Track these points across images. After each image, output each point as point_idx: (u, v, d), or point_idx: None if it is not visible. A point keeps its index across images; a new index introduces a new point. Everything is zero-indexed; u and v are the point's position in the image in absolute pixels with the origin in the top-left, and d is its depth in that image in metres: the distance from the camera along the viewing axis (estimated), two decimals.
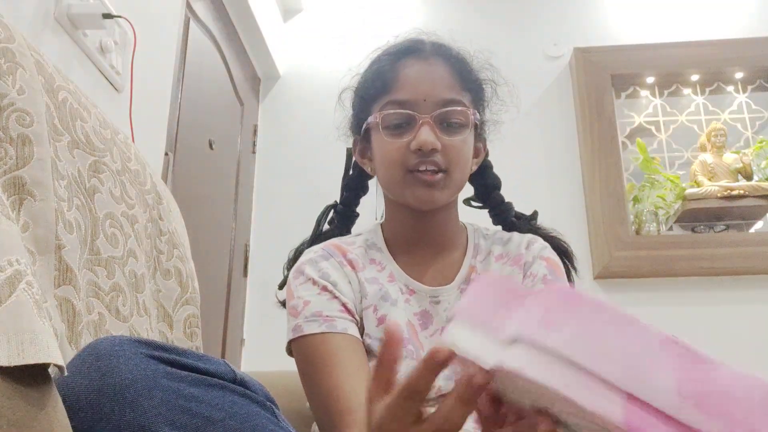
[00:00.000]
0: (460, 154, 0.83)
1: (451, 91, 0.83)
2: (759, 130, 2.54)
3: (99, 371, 0.48)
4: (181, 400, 0.49)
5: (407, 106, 0.82)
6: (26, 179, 0.54)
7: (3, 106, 0.55)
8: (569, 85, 2.56)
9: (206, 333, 1.64)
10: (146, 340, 0.52)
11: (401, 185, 0.83)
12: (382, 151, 0.84)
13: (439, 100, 0.82)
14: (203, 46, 2.04)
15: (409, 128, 0.82)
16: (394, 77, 0.84)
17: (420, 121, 0.81)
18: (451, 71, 0.85)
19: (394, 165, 0.82)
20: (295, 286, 0.84)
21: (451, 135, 0.82)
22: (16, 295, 0.43)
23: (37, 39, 1.14)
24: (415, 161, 0.81)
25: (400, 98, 0.82)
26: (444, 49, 0.87)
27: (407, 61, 0.85)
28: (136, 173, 0.86)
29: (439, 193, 0.82)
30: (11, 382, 0.40)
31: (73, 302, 0.59)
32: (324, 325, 0.79)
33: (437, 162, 0.81)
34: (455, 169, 0.82)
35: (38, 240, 0.55)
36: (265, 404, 0.56)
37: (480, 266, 0.88)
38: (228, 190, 2.29)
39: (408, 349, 0.81)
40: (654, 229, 2.36)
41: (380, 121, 0.83)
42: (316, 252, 0.87)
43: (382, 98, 0.84)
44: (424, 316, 0.85)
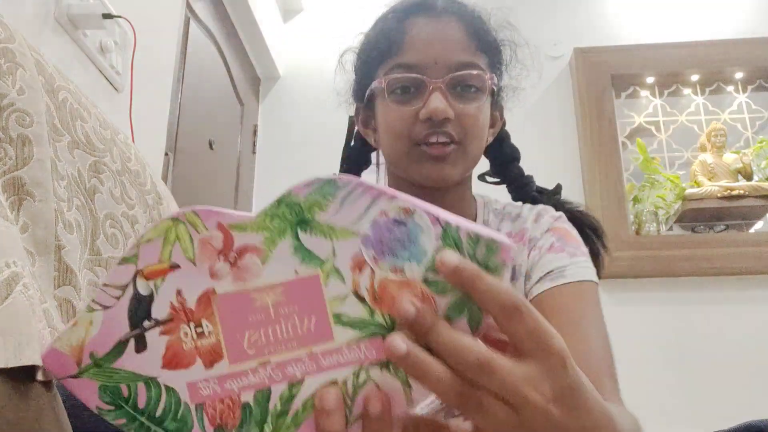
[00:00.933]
0: (476, 124, 0.73)
1: (466, 52, 0.73)
2: (759, 130, 2.54)
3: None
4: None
5: (416, 69, 0.72)
6: (26, 179, 0.54)
7: (3, 106, 0.55)
8: (569, 85, 2.57)
9: None
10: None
11: (407, 160, 0.74)
12: (387, 120, 0.75)
13: (451, 62, 0.72)
14: (203, 46, 2.04)
15: (417, 94, 0.73)
16: (401, 38, 0.74)
17: (430, 87, 0.71)
18: (466, 31, 0.74)
19: (400, 136, 0.73)
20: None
21: (466, 102, 0.73)
22: (13, 297, 0.43)
23: (37, 39, 1.14)
24: (424, 132, 0.71)
25: (408, 61, 0.73)
26: (458, 6, 0.77)
27: (416, 20, 0.75)
28: (137, 173, 0.86)
29: (451, 169, 0.73)
30: (11, 382, 0.40)
31: (73, 303, 0.59)
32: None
33: (449, 132, 0.71)
34: (470, 140, 0.73)
35: (38, 240, 0.55)
36: None
37: None
38: (228, 191, 2.29)
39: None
40: (654, 229, 2.37)
41: (385, 87, 0.74)
42: None
43: (388, 61, 0.75)
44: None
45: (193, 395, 0.35)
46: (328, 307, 0.36)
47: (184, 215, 0.35)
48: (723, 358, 2.16)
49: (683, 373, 2.16)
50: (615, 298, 2.28)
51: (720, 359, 2.17)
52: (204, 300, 0.35)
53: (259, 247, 0.35)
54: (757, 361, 2.14)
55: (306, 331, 0.35)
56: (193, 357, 0.35)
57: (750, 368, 2.14)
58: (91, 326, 0.35)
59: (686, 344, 2.20)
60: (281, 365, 0.36)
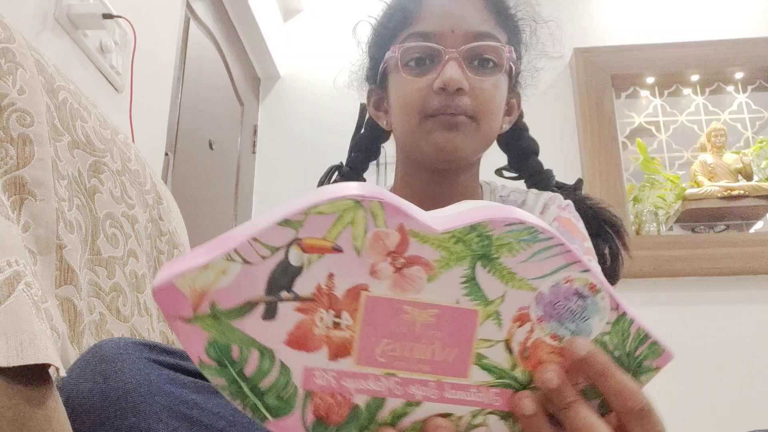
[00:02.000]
0: (492, 100, 0.70)
1: (485, 23, 0.70)
2: (759, 130, 2.54)
3: (103, 375, 0.48)
4: (182, 407, 0.48)
5: (432, 38, 0.69)
6: (27, 179, 0.55)
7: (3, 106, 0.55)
8: (569, 85, 2.57)
9: None
10: (150, 343, 0.52)
11: (418, 133, 0.70)
12: (400, 93, 0.72)
13: (469, 32, 0.69)
14: (203, 46, 2.04)
15: (432, 66, 0.69)
16: (417, 6, 0.71)
17: (446, 57, 0.68)
18: (485, 3, 0.71)
19: (412, 109, 0.70)
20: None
21: (482, 75, 0.69)
22: (15, 296, 0.43)
23: (37, 39, 1.14)
24: (437, 104, 0.68)
25: (424, 29, 0.70)
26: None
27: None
28: (136, 173, 0.86)
29: (463, 138, 0.69)
30: (11, 382, 0.40)
31: (75, 302, 0.59)
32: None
33: (462, 106, 0.68)
34: (484, 116, 0.69)
35: (39, 240, 0.55)
36: None
37: None
38: (228, 191, 2.29)
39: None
40: (654, 229, 2.37)
41: (399, 57, 0.70)
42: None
43: (404, 32, 0.71)
44: None
45: (307, 381, 0.34)
46: (474, 345, 0.35)
47: (369, 202, 0.32)
48: (723, 358, 2.17)
49: (683, 373, 2.16)
50: None
51: (720, 359, 2.17)
52: (353, 293, 0.33)
53: (431, 264, 0.34)
54: (757, 361, 2.14)
55: (443, 360, 0.35)
56: (320, 344, 0.33)
57: (750, 368, 2.14)
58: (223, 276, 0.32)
59: (686, 344, 2.20)
60: (405, 382, 0.35)
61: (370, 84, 0.81)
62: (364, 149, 0.87)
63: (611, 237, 0.83)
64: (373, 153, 0.88)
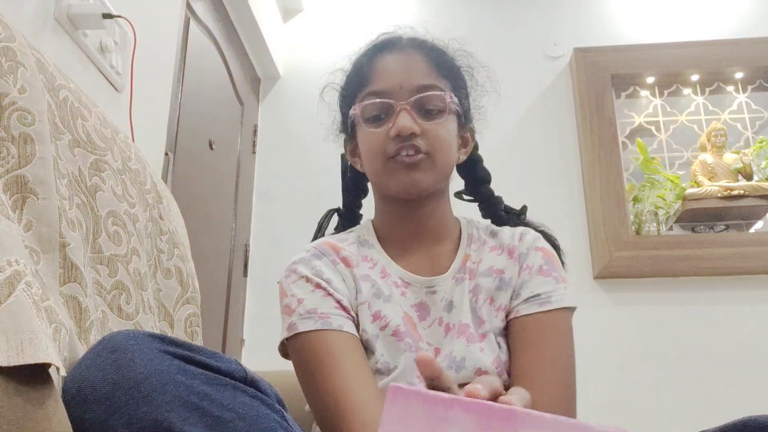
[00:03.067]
0: (442, 138, 0.83)
1: (428, 77, 0.84)
2: (759, 130, 2.54)
3: (115, 364, 0.48)
4: (193, 397, 0.49)
5: (384, 95, 0.83)
6: (29, 178, 0.54)
7: (4, 105, 0.55)
8: (569, 85, 2.57)
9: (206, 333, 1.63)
10: (160, 335, 0.52)
11: (384, 174, 0.83)
12: (365, 142, 0.85)
13: (415, 86, 0.83)
14: (203, 46, 2.04)
15: (387, 117, 0.83)
16: (370, 70, 0.85)
17: (398, 108, 0.82)
18: (427, 60, 0.85)
19: (376, 154, 0.83)
20: (287, 285, 0.83)
21: (430, 120, 0.83)
22: (15, 296, 0.43)
23: (37, 39, 1.14)
24: (395, 147, 0.81)
25: (377, 88, 0.84)
26: (418, 41, 0.89)
27: (383, 55, 0.87)
28: (137, 172, 0.85)
29: (422, 175, 0.82)
30: (11, 381, 0.40)
31: (79, 299, 0.59)
32: (319, 323, 0.78)
33: (417, 145, 0.81)
34: (437, 152, 0.82)
35: (42, 238, 0.55)
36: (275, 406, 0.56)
37: (474, 254, 0.87)
38: (228, 190, 2.28)
39: (406, 342, 0.80)
40: (654, 229, 2.37)
41: (360, 114, 0.85)
42: (309, 251, 0.87)
43: (361, 92, 0.86)
44: (421, 308, 0.84)
45: None
46: None
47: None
48: (723, 358, 2.16)
49: (683, 372, 2.16)
50: (615, 298, 2.28)
51: (720, 359, 2.17)
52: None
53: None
54: (756, 361, 2.14)
55: None
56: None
57: (750, 368, 2.14)
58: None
59: (686, 344, 2.20)
60: None
61: (345, 135, 0.94)
62: (353, 190, 1.00)
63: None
64: (361, 191, 1.01)
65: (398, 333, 0.80)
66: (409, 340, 0.80)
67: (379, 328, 0.81)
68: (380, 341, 0.81)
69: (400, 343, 0.80)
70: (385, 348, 0.81)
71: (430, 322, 0.83)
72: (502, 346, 0.82)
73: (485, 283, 0.84)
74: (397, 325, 0.81)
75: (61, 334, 0.51)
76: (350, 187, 1.00)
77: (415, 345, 0.80)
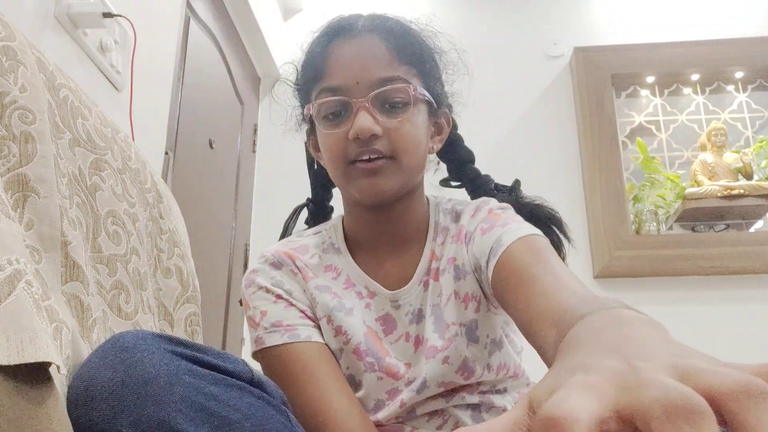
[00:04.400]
0: (407, 136, 0.73)
1: (388, 68, 0.74)
2: (759, 130, 2.54)
3: (123, 364, 0.48)
4: (201, 398, 0.49)
5: (339, 92, 0.73)
6: (30, 176, 0.54)
7: (5, 103, 0.55)
8: (569, 84, 2.57)
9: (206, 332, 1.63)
10: (168, 335, 0.53)
11: (345, 179, 0.75)
12: (323, 144, 0.77)
13: (373, 80, 0.73)
14: (203, 45, 2.04)
15: (346, 116, 0.74)
16: (324, 62, 0.75)
17: (356, 107, 0.72)
18: (387, 46, 0.75)
19: (335, 158, 0.74)
20: (249, 296, 0.79)
21: (394, 116, 0.73)
22: (16, 294, 0.43)
23: (38, 38, 1.14)
24: (355, 151, 0.72)
25: (332, 84, 0.74)
26: (377, 23, 0.77)
27: (337, 43, 0.76)
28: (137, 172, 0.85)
29: (385, 181, 0.73)
30: (11, 380, 0.40)
31: (81, 298, 0.59)
32: (286, 335, 0.74)
33: (380, 149, 0.72)
34: (402, 153, 0.73)
35: (43, 237, 0.55)
36: (280, 407, 0.56)
37: (438, 250, 0.80)
38: (228, 190, 2.28)
39: (367, 362, 0.76)
40: (654, 228, 2.37)
41: (315, 113, 0.76)
42: (266, 259, 0.82)
43: (316, 87, 0.76)
44: (387, 321, 0.79)
45: None
46: None
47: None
48: (723, 357, 2.15)
49: None
50: (615, 298, 2.28)
51: (720, 358, 2.16)
52: None
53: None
54: (757, 360, 2.14)
55: None
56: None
57: None
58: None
59: (686, 343, 2.20)
60: None
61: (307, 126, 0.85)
62: (321, 183, 0.93)
63: (553, 231, 0.84)
64: (330, 184, 0.92)
65: (358, 351, 0.76)
66: (370, 359, 0.76)
67: (342, 343, 0.77)
68: (344, 356, 0.77)
69: (360, 362, 0.76)
70: (349, 363, 0.77)
71: (396, 336, 0.78)
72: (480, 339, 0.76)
73: (445, 281, 0.78)
74: (357, 343, 0.76)
75: (63, 333, 0.51)
76: (318, 179, 0.93)
77: (379, 363, 0.76)
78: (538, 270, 0.63)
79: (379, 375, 0.76)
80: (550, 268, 0.63)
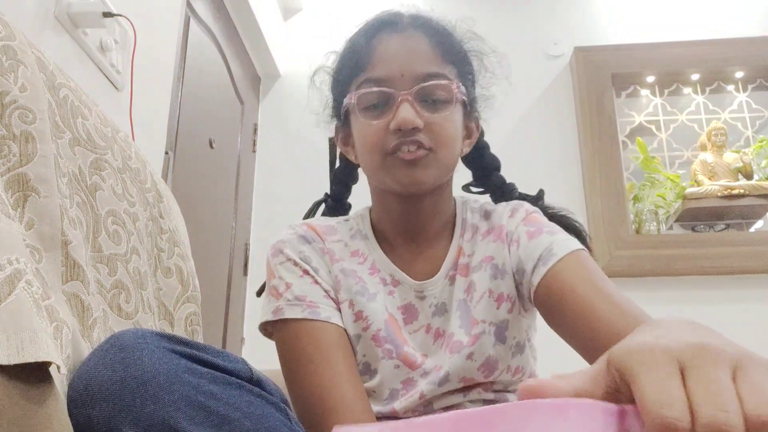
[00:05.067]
0: (446, 132, 0.75)
1: (432, 64, 0.76)
2: (759, 130, 2.54)
3: (123, 363, 0.48)
4: (200, 397, 0.49)
5: (383, 83, 0.75)
6: (30, 176, 0.54)
7: (5, 103, 0.55)
8: (569, 84, 2.56)
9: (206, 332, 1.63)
10: (168, 334, 0.53)
11: (382, 170, 0.76)
12: (361, 135, 0.78)
13: (418, 74, 0.74)
14: (203, 45, 2.04)
15: (387, 108, 0.75)
16: (368, 54, 0.76)
17: (398, 99, 0.73)
18: (431, 43, 0.77)
19: (373, 149, 0.75)
20: (275, 265, 0.79)
21: (435, 112, 0.75)
22: (16, 294, 0.43)
23: (38, 37, 1.14)
24: (394, 142, 0.73)
25: (376, 75, 0.75)
26: (423, 20, 0.80)
27: (383, 36, 0.77)
28: (137, 171, 0.85)
29: (423, 172, 0.74)
30: (11, 380, 0.40)
31: (82, 297, 0.59)
32: (307, 311, 0.74)
33: (420, 140, 0.73)
34: (441, 147, 0.75)
35: (44, 236, 0.55)
36: (279, 405, 0.56)
37: (467, 246, 0.81)
38: (228, 189, 2.28)
39: (385, 348, 0.76)
40: (654, 228, 2.37)
41: (356, 102, 0.76)
42: (296, 232, 0.82)
43: (358, 78, 0.77)
44: (409, 310, 0.79)
45: None
46: None
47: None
48: None
49: None
50: None
51: None
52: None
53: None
54: None
55: None
56: None
57: None
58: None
59: None
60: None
61: (336, 121, 0.86)
62: (342, 181, 0.94)
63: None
64: (351, 180, 0.94)
65: (377, 338, 0.76)
66: (389, 346, 0.76)
67: (361, 329, 0.77)
68: (361, 342, 0.77)
69: (378, 349, 0.76)
70: (366, 350, 0.77)
71: (416, 327, 0.79)
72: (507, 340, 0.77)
73: (480, 279, 0.78)
74: (377, 329, 0.76)
75: (63, 332, 0.51)
76: (340, 177, 0.93)
77: (397, 351, 0.76)
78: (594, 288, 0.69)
79: (396, 363, 0.76)
80: (602, 285, 0.69)
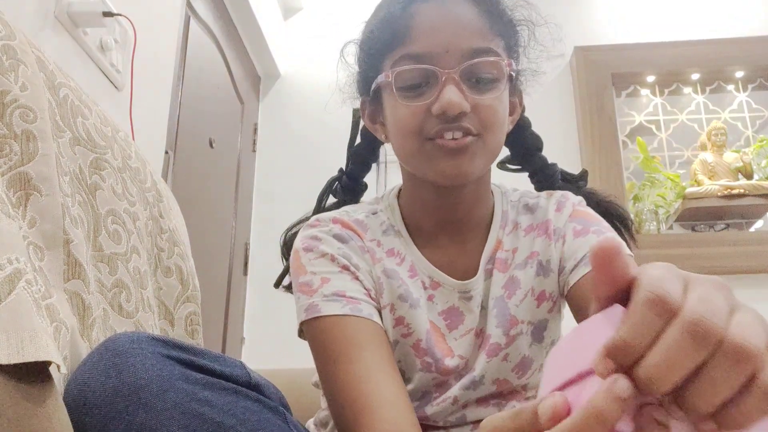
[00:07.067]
0: (496, 115, 0.66)
1: (480, 38, 0.66)
2: (759, 129, 2.54)
3: (116, 368, 0.48)
4: (194, 404, 0.48)
5: (426, 60, 0.65)
6: (32, 175, 0.54)
7: (6, 102, 0.55)
8: (570, 84, 2.56)
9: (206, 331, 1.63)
10: (164, 338, 0.52)
11: (420, 157, 0.67)
12: (397, 116, 0.68)
13: (465, 49, 0.65)
14: (203, 44, 2.04)
15: (429, 88, 0.66)
16: (406, 25, 0.66)
17: (443, 78, 0.64)
18: (479, 13, 0.67)
19: (411, 134, 0.66)
20: (307, 260, 0.70)
21: (483, 93, 0.66)
22: (16, 293, 0.43)
23: (38, 37, 1.14)
24: (437, 127, 0.65)
25: (417, 51, 0.65)
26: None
27: (422, 4, 0.67)
28: (137, 171, 0.85)
29: (469, 163, 0.66)
30: (11, 379, 0.40)
31: (83, 296, 0.59)
32: (347, 307, 0.66)
33: (466, 126, 0.64)
34: (489, 132, 0.66)
35: (46, 235, 0.55)
36: (278, 409, 0.55)
37: (507, 240, 0.74)
38: (228, 189, 2.28)
39: (424, 361, 0.70)
40: (654, 227, 2.37)
41: (393, 81, 0.67)
42: (331, 230, 0.73)
43: (394, 51, 0.67)
44: (452, 314, 0.72)
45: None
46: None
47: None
48: None
49: None
50: None
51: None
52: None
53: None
54: None
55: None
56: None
57: None
58: None
59: None
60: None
61: (363, 96, 0.77)
62: (362, 159, 0.85)
63: (619, 230, 0.80)
64: (373, 160, 0.86)
65: (418, 348, 0.70)
66: (428, 360, 0.70)
67: (400, 335, 0.71)
68: (399, 349, 0.71)
69: (417, 360, 0.70)
70: (403, 357, 0.71)
71: (463, 331, 0.72)
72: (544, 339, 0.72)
73: (523, 276, 0.72)
74: (418, 340, 0.70)
75: (62, 333, 0.51)
76: (361, 155, 0.84)
77: (437, 365, 0.70)
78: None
79: (433, 375, 0.71)
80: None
